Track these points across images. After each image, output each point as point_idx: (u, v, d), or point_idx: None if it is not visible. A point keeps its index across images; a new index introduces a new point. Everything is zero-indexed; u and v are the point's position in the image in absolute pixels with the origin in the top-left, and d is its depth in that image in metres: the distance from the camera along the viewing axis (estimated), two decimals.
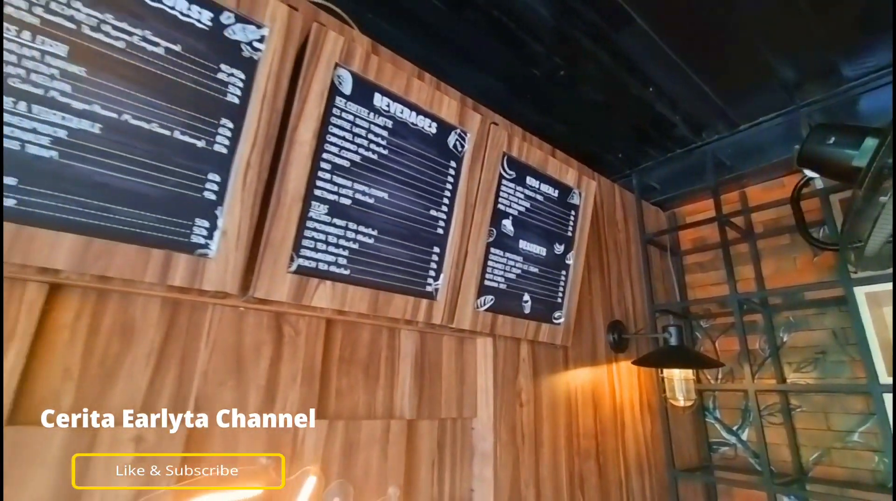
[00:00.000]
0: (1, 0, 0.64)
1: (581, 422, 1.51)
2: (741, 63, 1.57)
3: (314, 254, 0.93)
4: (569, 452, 1.43)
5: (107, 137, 0.72)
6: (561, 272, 1.46)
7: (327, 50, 0.93)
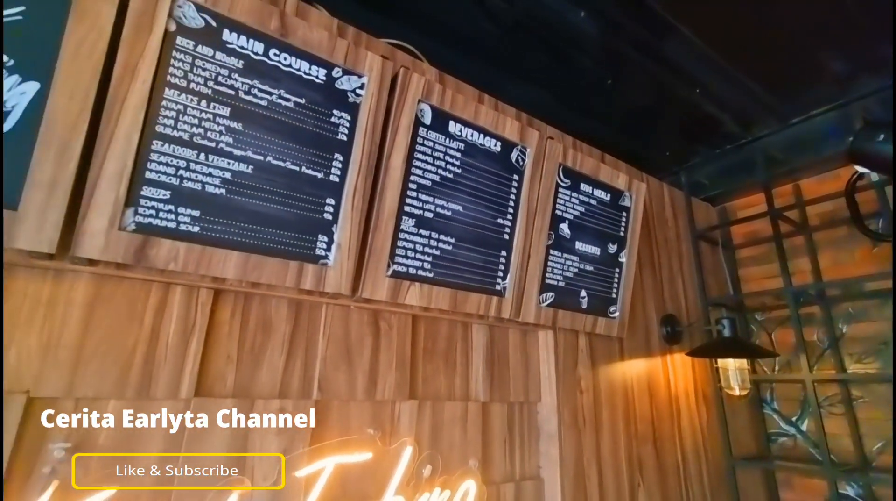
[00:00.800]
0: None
1: (637, 409, 1.63)
2: (790, 60, 1.62)
3: (406, 260, 1.12)
4: (627, 436, 1.56)
5: (256, 175, 0.93)
6: (614, 270, 1.58)
7: (412, 90, 1.12)
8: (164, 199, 0.84)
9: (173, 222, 0.85)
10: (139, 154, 0.82)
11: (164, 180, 0.84)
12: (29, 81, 0.74)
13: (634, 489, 1.52)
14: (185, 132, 0.86)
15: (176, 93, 0.85)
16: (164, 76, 0.84)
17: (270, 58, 0.95)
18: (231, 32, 0.91)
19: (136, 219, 0.82)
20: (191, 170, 0.87)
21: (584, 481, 1.40)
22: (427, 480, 1.16)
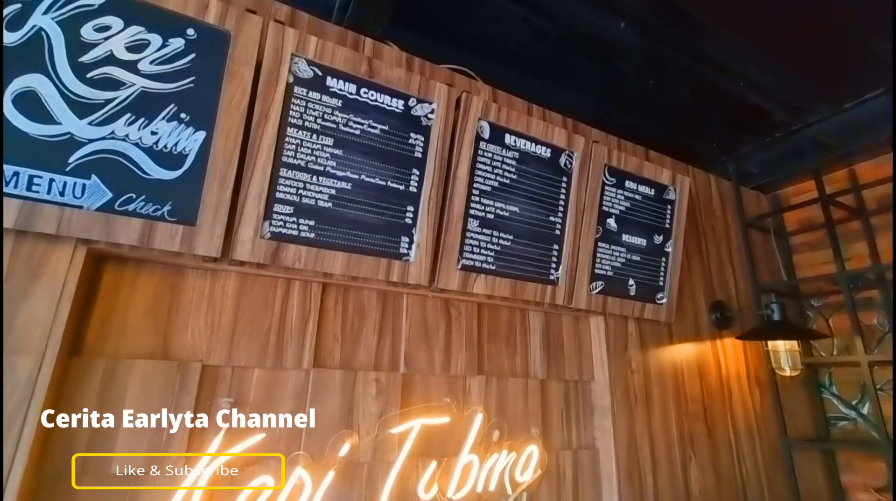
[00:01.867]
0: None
1: (688, 389, 1.74)
2: (837, 46, 1.65)
3: (472, 256, 1.33)
4: (678, 413, 1.68)
5: (354, 190, 1.17)
6: (661, 259, 1.71)
7: (472, 110, 1.32)
8: (289, 213, 1.10)
9: (296, 230, 1.10)
10: (272, 180, 1.07)
11: (289, 198, 1.10)
12: (200, 131, 1.01)
13: (686, 462, 1.64)
14: (302, 160, 1.11)
15: (295, 130, 1.11)
16: (287, 118, 1.10)
17: (361, 96, 1.18)
18: (332, 79, 1.15)
19: (271, 229, 1.08)
20: (307, 189, 1.12)
21: (637, 452, 1.55)
22: (496, 443, 1.36)
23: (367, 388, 1.22)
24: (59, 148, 0.90)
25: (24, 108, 0.88)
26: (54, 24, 0.90)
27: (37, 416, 0.85)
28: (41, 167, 0.89)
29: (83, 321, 0.98)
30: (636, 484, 1.51)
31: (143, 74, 0.96)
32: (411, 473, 1.22)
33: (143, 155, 0.96)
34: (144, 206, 0.96)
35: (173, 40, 0.99)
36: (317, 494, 1.08)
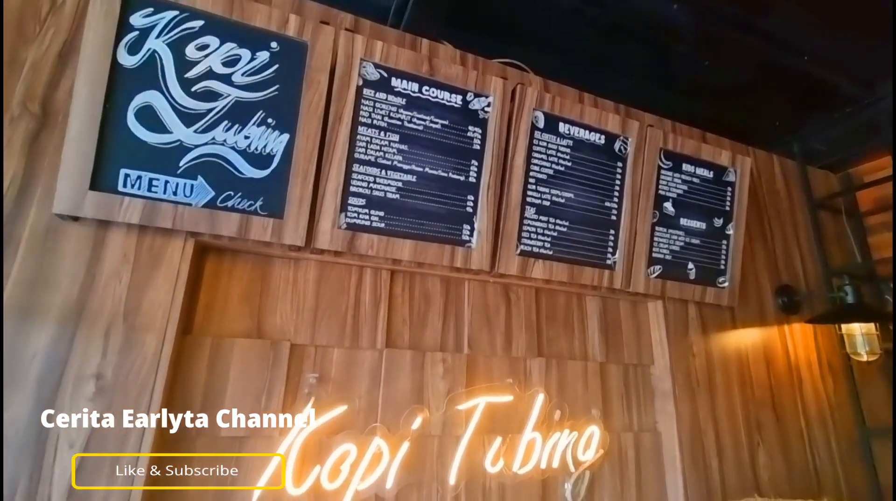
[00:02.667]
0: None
1: (754, 375, 1.70)
2: None
3: (530, 241, 1.38)
4: (743, 398, 1.65)
5: (418, 182, 1.25)
6: (722, 242, 1.68)
7: (527, 102, 1.37)
8: (362, 205, 1.20)
9: (368, 220, 1.20)
10: (346, 175, 1.18)
11: (361, 192, 1.20)
12: (284, 134, 1.13)
13: (754, 448, 1.61)
14: (372, 156, 1.21)
15: (365, 129, 1.21)
16: (357, 118, 1.20)
17: (423, 93, 1.27)
18: (397, 79, 1.24)
19: (347, 220, 1.18)
20: (377, 183, 1.21)
21: (701, 436, 1.54)
22: (557, 422, 1.41)
23: (435, 367, 1.31)
24: (172, 154, 1.04)
25: (143, 120, 1.02)
26: (165, 46, 1.04)
27: (163, 383, 1.00)
28: (158, 171, 1.03)
29: (192, 304, 1.12)
30: (701, 468, 1.50)
31: (236, 86, 1.09)
32: (478, 447, 1.29)
33: (239, 157, 1.09)
34: (241, 202, 1.09)
35: (260, 53, 1.11)
36: (394, 462, 1.18)
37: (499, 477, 1.30)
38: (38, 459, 0.90)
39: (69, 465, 0.91)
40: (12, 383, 0.91)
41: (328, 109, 1.16)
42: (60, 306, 0.97)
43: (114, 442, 0.94)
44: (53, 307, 0.96)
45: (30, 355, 0.93)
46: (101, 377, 0.97)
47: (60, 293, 0.97)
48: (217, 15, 1.07)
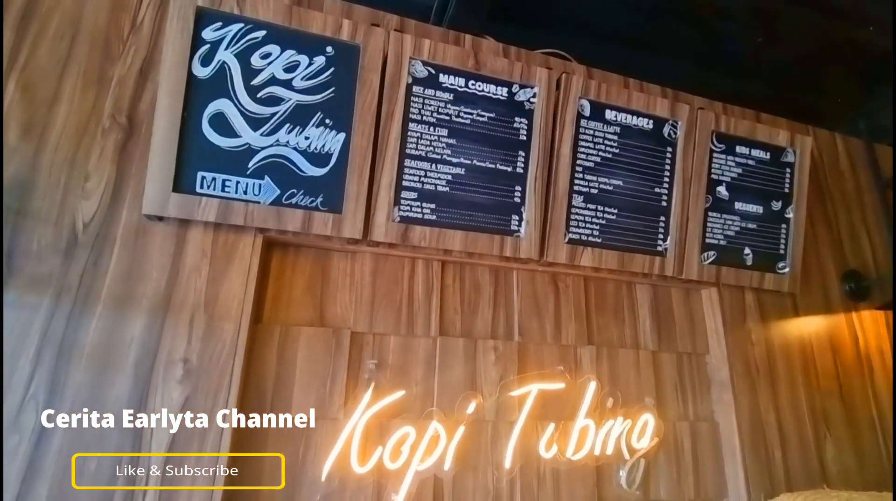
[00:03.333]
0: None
1: (819, 364, 1.63)
2: None
3: (578, 230, 1.39)
4: (808, 388, 1.59)
5: (467, 174, 1.29)
6: (781, 226, 1.62)
7: (573, 91, 1.37)
8: (414, 198, 1.25)
9: (420, 213, 1.25)
10: (398, 170, 1.23)
11: (413, 186, 1.25)
12: (341, 133, 1.19)
13: (820, 439, 1.55)
14: (422, 151, 1.26)
15: (415, 125, 1.25)
16: (408, 114, 1.25)
17: (469, 88, 1.30)
18: (444, 75, 1.28)
19: (400, 213, 1.23)
20: (427, 177, 1.26)
21: (763, 426, 1.50)
22: (610, 410, 1.41)
23: (487, 355, 1.34)
24: (241, 156, 1.13)
25: (216, 126, 1.12)
26: (233, 56, 1.13)
27: (241, 367, 1.09)
28: (230, 173, 1.12)
29: (261, 295, 1.21)
30: (763, 459, 1.46)
31: (296, 90, 1.17)
32: (531, 433, 1.32)
33: (300, 156, 1.17)
34: (303, 199, 1.16)
35: (317, 58, 1.18)
36: (451, 445, 1.22)
37: (553, 463, 1.32)
38: (136, 435, 1.01)
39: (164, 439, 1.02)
40: (115, 366, 1.03)
41: (380, 108, 1.22)
42: (151, 297, 1.07)
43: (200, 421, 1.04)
44: (145, 298, 1.07)
45: (128, 340, 1.04)
46: (187, 361, 1.07)
47: (151, 285, 1.08)
48: (278, 24, 1.15)
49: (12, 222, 1.02)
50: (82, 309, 1.03)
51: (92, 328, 1.03)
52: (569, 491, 1.32)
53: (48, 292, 1.02)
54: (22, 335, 0.99)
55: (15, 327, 0.99)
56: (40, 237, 1.04)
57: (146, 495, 0.98)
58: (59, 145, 1.07)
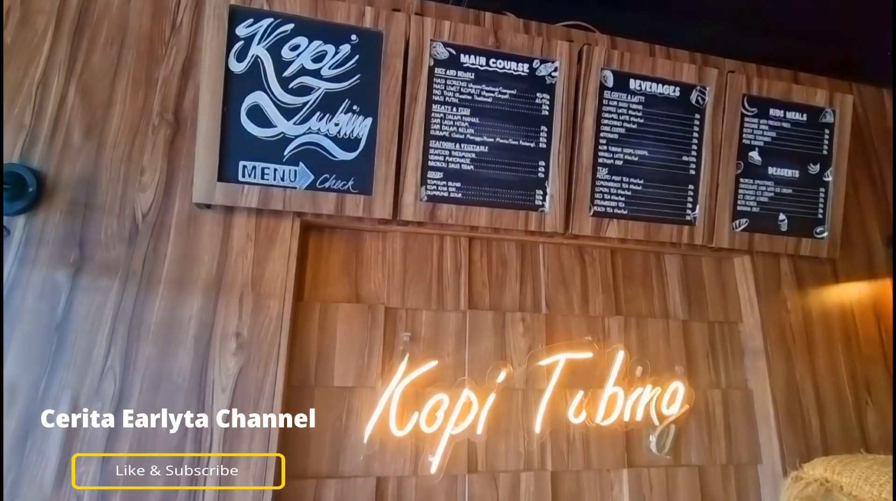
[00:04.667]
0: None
1: (861, 331, 1.60)
2: None
3: (603, 202, 1.40)
4: (847, 356, 1.56)
5: (490, 152, 1.33)
6: (819, 190, 1.57)
7: (594, 62, 1.37)
8: (440, 178, 1.30)
9: (446, 191, 1.31)
10: (424, 151, 1.29)
11: (439, 165, 1.30)
12: (368, 118, 1.25)
13: (861, 406, 1.53)
14: (447, 132, 1.30)
15: (438, 106, 1.30)
16: (431, 96, 1.29)
17: (490, 66, 1.33)
18: (465, 55, 1.31)
19: (427, 192, 1.29)
20: (452, 156, 1.31)
21: (799, 394, 1.49)
22: (639, 378, 1.44)
23: (515, 326, 1.40)
24: (277, 145, 1.21)
25: (253, 118, 1.20)
26: (265, 50, 1.20)
27: (286, 342, 1.19)
28: (268, 161, 1.21)
29: (301, 275, 1.31)
30: (798, 426, 1.46)
31: (324, 79, 1.23)
32: (560, 400, 1.37)
33: (331, 142, 1.24)
34: (336, 183, 1.24)
35: (342, 47, 1.24)
36: (483, 411, 1.30)
37: (582, 428, 1.37)
38: (200, 399, 1.14)
39: (223, 404, 1.14)
40: (177, 341, 1.15)
41: (404, 91, 1.27)
42: (205, 279, 1.19)
43: (253, 389, 1.16)
44: (199, 279, 1.19)
45: (186, 318, 1.16)
46: (239, 335, 1.18)
47: (204, 268, 1.19)
48: (304, 17, 1.21)
49: (82, 214, 1.15)
50: (147, 291, 1.16)
51: (156, 307, 1.15)
52: (598, 455, 1.37)
53: (117, 277, 1.15)
54: (97, 314, 1.13)
55: (91, 308, 1.13)
56: (107, 228, 1.16)
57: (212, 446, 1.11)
58: (117, 143, 1.19)
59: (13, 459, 1.03)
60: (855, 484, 1.08)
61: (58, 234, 1.14)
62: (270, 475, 1.12)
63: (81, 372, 1.10)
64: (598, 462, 1.37)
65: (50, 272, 1.12)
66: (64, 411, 1.08)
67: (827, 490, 1.14)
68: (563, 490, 1.34)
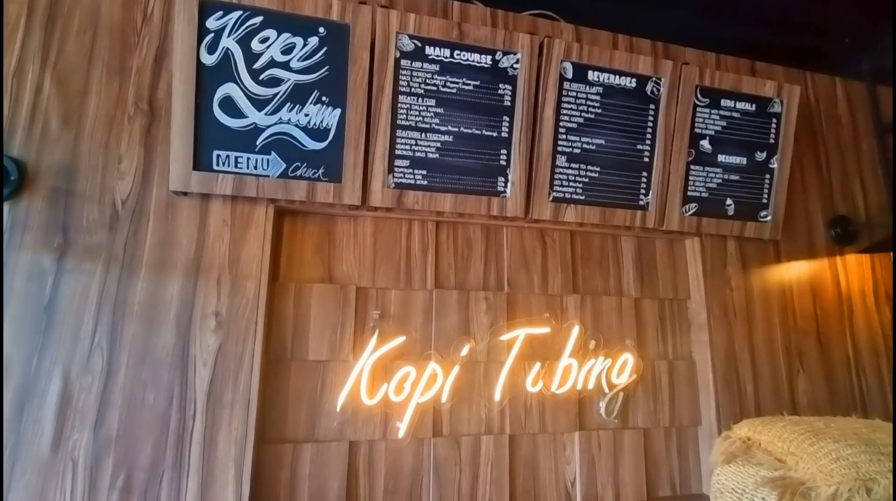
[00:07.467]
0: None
1: (798, 306, 1.76)
2: None
3: (562, 188, 1.51)
4: (784, 329, 1.73)
5: (454, 141, 1.42)
6: (765, 176, 1.70)
7: (555, 54, 1.46)
8: (406, 166, 1.39)
9: (412, 179, 1.40)
10: (391, 140, 1.37)
11: (405, 154, 1.39)
12: (337, 109, 1.33)
13: (793, 375, 1.71)
14: (412, 122, 1.39)
15: (404, 97, 1.38)
16: (398, 87, 1.37)
17: (454, 58, 1.41)
18: (429, 47, 1.38)
19: (394, 180, 1.39)
20: (418, 145, 1.40)
21: (736, 363, 1.66)
22: (592, 351, 1.59)
23: (479, 304, 1.53)
24: (249, 135, 1.29)
25: (225, 109, 1.27)
26: (235, 43, 1.26)
27: (263, 319, 1.30)
28: (241, 150, 1.29)
29: (276, 257, 1.40)
30: (734, 391, 1.63)
31: (294, 70, 1.30)
32: (519, 371, 1.52)
33: (302, 133, 1.32)
34: (307, 171, 1.32)
35: (310, 39, 1.30)
36: (447, 381, 1.44)
37: (538, 396, 1.53)
38: (183, 372, 1.25)
39: (205, 377, 1.26)
40: (160, 319, 1.25)
41: (371, 83, 1.35)
42: (184, 261, 1.28)
43: (232, 362, 1.27)
44: (179, 262, 1.28)
45: (168, 298, 1.26)
46: (218, 314, 1.29)
47: (183, 251, 1.28)
48: (273, 9, 1.27)
49: (64, 201, 1.23)
50: (129, 273, 1.25)
51: (139, 288, 1.25)
52: (553, 420, 1.53)
53: (100, 260, 1.24)
54: (83, 296, 1.22)
55: (77, 289, 1.22)
56: (88, 214, 1.24)
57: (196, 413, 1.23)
58: (94, 132, 1.25)
59: (11, 428, 1.13)
60: (770, 441, 1.26)
61: (41, 220, 1.21)
62: (251, 438, 1.25)
63: (71, 349, 1.20)
64: (553, 425, 1.53)
65: (36, 257, 1.20)
66: (56, 384, 1.18)
67: (748, 447, 1.32)
68: (520, 451, 1.50)
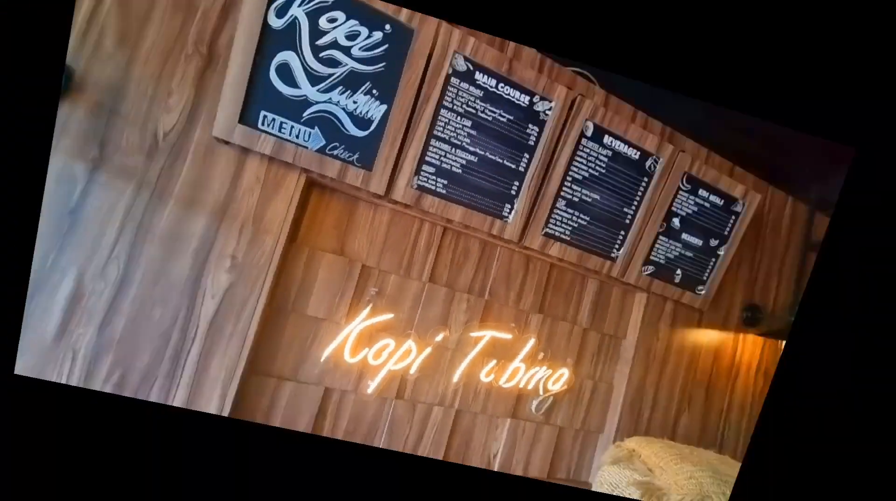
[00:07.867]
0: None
1: (700, 363, 1.54)
2: None
3: (555, 227, 1.23)
4: (685, 377, 1.51)
5: (478, 162, 1.11)
6: (711, 259, 1.44)
7: (582, 112, 1.14)
8: (432, 173, 1.08)
9: (434, 185, 1.09)
10: (424, 147, 1.06)
11: (433, 162, 1.08)
12: (384, 104, 1.00)
13: (680, 411, 1.51)
14: (447, 135, 1.07)
15: (446, 111, 1.05)
16: (442, 101, 1.04)
17: (498, 89, 1.08)
18: (479, 73, 1.05)
19: (418, 182, 1.08)
20: (447, 157, 1.09)
21: (642, 394, 1.44)
22: (539, 361, 1.34)
23: (461, 304, 1.25)
24: (299, 105, 0.96)
25: (281, 75, 0.93)
26: (304, 14, 0.91)
27: (274, 272, 1.00)
28: (287, 117, 0.95)
29: (298, 222, 1.09)
30: (634, 414, 1.43)
31: (353, 58, 0.96)
32: (478, 363, 1.26)
33: (347, 117, 0.99)
34: (343, 153, 1.00)
35: (375, 33, 0.96)
36: (418, 358, 1.18)
37: (487, 386, 1.28)
38: (192, 299, 0.96)
39: (211, 308, 0.97)
40: (179, 249, 0.95)
41: (420, 90, 1.02)
42: (212, 204, 0.96)
43: (238, 302, 0.98)
44: (207, 204, 0.96)
45: (190, 232, 0.95)
46: (235, 257, 0.98)
47: (213, 195, 0.96)
48: None
49: (106, 118, 0.89)
50: (158, 201, 0.93)
51: (164, 217, 0.93)
52: (494, 405, 1.29)
53: (133, 182, 0.91)
54: (109, 210, 0.90)
55: (105, 202, 0.90)
56: (129, 136, 0.90)
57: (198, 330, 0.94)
58: (149, 60, 0.90)
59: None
60: (648, 455, 1.11)
61: (80, 129, 0.87)
62: (241, 368, 0.98)
63: (89, 255, 0.89)
64: (492, 410, 1.30)
65: (69, 163, 0.87)
66: (69, 282, 0.88)
67: (631, 456, 1.16)
68: (462, 423, 1.27)
